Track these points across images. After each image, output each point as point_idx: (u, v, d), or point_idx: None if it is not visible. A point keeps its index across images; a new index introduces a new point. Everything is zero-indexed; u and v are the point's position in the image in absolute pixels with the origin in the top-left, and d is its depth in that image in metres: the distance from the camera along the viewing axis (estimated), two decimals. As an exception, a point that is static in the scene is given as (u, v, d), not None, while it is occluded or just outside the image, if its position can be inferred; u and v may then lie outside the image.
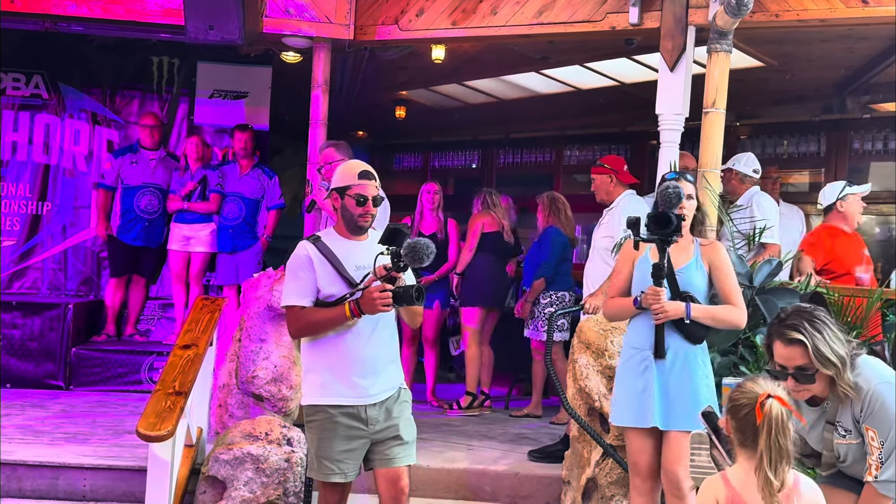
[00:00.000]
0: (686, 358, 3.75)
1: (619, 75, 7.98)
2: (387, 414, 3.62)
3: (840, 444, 3.07)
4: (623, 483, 4.46)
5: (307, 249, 3.60)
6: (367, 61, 7.46)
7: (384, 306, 3.42)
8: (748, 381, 2.57)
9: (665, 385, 3.72)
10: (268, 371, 4.82)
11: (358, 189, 3.59)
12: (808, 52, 6.72)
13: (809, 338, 2.90)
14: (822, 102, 8.23)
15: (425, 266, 3.43)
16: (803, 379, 2.93)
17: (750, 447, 2.48)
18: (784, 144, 8.43)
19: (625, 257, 3.94)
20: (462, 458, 5.37)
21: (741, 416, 2.48)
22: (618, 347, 4.46)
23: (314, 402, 3.60)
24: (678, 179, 3.84)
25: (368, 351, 3.58)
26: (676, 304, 3.69)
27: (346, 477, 3.56)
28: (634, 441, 3.81)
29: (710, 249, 3.86)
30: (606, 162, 5.57)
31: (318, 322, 3.55)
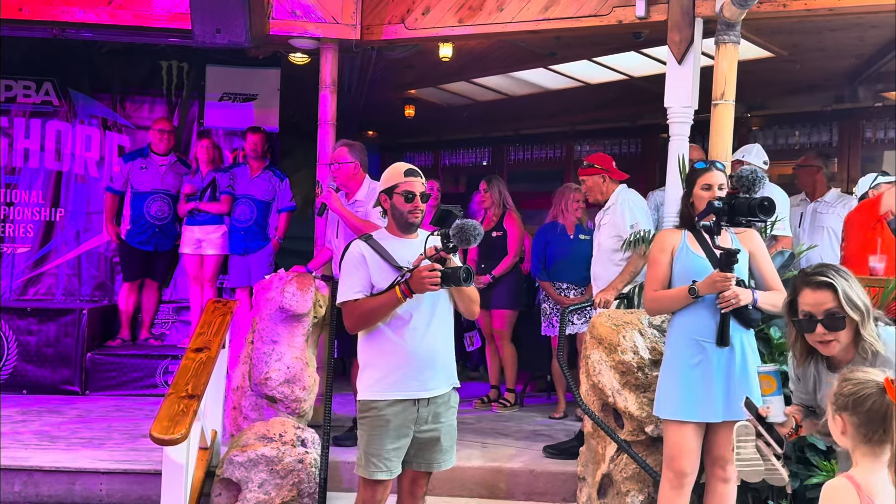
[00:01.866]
0: (743, 344, 3.76)
1: (627, 69, 7.94)
2: (435, 416, 3.67)
3: None
4: (638, 479, 4.44)
5: (359, 247, 3.69)
6: (374, 61, 7.46)
7: (432, 285, 3.47)
8: (850, 372, 2.41)
9: (728, 374, 3.72)
10: (280, 372, 4.83)
11: (405, 186, 3.69)
12: (817, 42, 6.66)
13: (837, 282, 2.86)
14: (833, 92, 8.16)
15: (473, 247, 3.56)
16: (833, 325, 2.84)
17: (877, 441, 2.31)
18: (796, 135, 8.38)
19: (660, 248, 3.90)
20: (477, 455, 5.36)
21: (867, 408, 2.30)
22: (630, 343, 4.44)
23: (368, 397, 3.64)
24: (709, 168, 3.83)
25: (425, 345, 3.63)
26: (745, 290, 3.69)
27: (391, 474, 3.62)
28: (686, 435, 3.76)
29: (747, 237, 3.88)
30: (595, 162, 5.53)
31: (371, 309, 3.60)
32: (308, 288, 4.96)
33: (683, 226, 3.95)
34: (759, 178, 3.65)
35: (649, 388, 4.40)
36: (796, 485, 4.14)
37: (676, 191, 5.19)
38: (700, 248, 3.82)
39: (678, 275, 3.82)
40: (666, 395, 3.84)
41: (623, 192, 5.45)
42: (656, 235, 4.05)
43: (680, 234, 3.90)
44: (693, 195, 3.87)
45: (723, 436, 3.77)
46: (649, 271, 3.93)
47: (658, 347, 4.46)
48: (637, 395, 4.43)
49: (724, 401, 3.71)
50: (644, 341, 4.47)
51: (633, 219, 5.27)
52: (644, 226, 5.27)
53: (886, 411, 2.27)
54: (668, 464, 3.84)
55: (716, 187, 3.80)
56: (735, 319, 3.70)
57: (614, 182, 5.50)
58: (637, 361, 4.41)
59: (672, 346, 3.87)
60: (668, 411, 3.82)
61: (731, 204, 3.69)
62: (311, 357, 5.08)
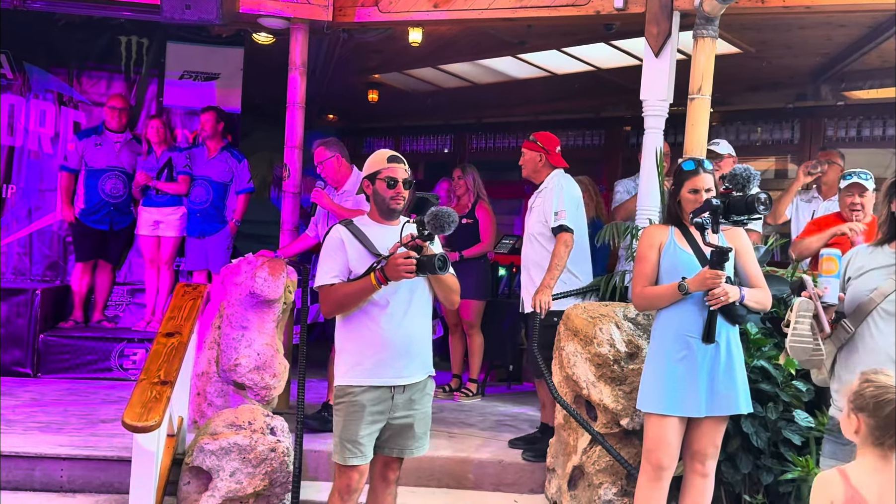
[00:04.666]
0: (729, 340, 3.78)
1: (594, 60, 7.94)
2: (409, 403, 3.67)
3: None
4: (612, 471, 4.45)
5: (339, 232, 3.69)
6: (342, 43, 7.34)
7: (407, 273, 3.45)
8: (874, 375, 2.43)
9: (712, 370, 3.74)
10: (251, 359, 4.73)
11: (388, 172, 3.69)
12: (786, 39, 6.73)
13: None
14: (796, 90, 8.27)
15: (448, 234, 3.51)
16: None
17: (889, 445, 2.35)
18: (758, 131, 8.48)
19: (649, 244, 3.90)
20: (444, 445, 5.32)
21: (885, 413, 2.33)
22: (606, 335, 4.44)
23: (344, 382, 3.63)
24: (697, 172, 3.84)
25: (402, 332, 3.61)
26: (734, 288, 3.71)
27: (364, 459, 3.60)
28: (667, 429, 3.77)
29: (733, 234, 3.89)
30: (539, 139, 5.38)
31: (346, 294, 3.58)
32: (279, 273, 4.86)
33: (670, 222, 3.95)
34: (753, 176, 3.67)
35: (625, 381, 4.40)
36: (770, 479, 4.18)
37: (651, 184, 5.21)
38: (687, 244, 3.82)
39: (666, 270, 3.83)
40: (649, 389, 3.84)
41: (559, 178, 5.27)
42: (644, 231, 4.03)
43: (667, 229, 3.91)
44: (680, 195, 3.87)
45: (704, 431, 3.79)
46: (637, 267, 3.93)
47: (634, 340, 4.46)
48: (612, 387, 4.43)
49: (707, 396, 3.73)
50: (620, 334, 4.47)
51: (559, 206, 5.10)
52: (570, 216, 5.08)
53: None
54: (648, 457, 3.84)
55: (703, 192, 3.81)
56: (722, 316, 3.71)
57: (549, 166, 5.32)
58: (613, 354, 4.41)
59: (657, 340, 3.87)
60: (650, 405, 3.82)
61: (726, 203, 3.69)
62: (280, 344, 4.98)
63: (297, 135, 5.97)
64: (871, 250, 3.20)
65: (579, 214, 5.25)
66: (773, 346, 4.36)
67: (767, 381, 4.24)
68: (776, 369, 4.26)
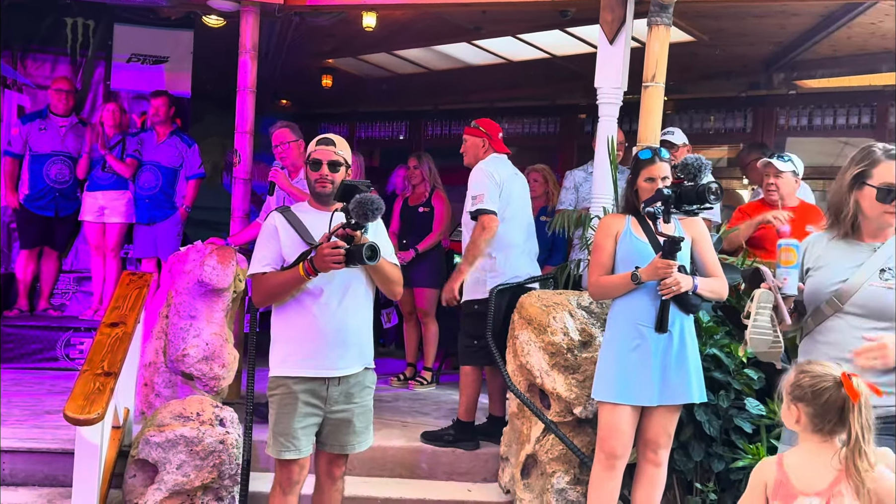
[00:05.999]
0: (682, 329, 3.78)
1: (550, 47, 7.91)
2: (347, 397, 3.61)
3: (875, 286, 2.99)
4: (565, 459, 4.44)
5: (274, 219, 3.62)
6: (294, 27, 7.22)
7: (335, 263, 3.37)
8: (809, 366, 2.50)
9: (664, 359, 3.74)
10: (199, 349, 4.63)
11: (314, 155, 3.63)
12: (740, 28, 6.75)
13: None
14: (749, 78, 8.31)
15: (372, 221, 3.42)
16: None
17: (826, 431, 2.43)
18: (711, 120, 8.52)
19: (605, 233, 3.89)
20: (397, 435, 5.27)
21: (823, 400, 2.41)
22: (560, 324, 4.42)
23: (278, 373, 3.57)
24: (653, 160, 3.83)
25: (336, 322, 3.54)
26: (686, 277, 3.70)
27: (299, 453, 3.54)
28: (620, 417, 3.77)
29: (691, 224, 3.90)
30: (482, 125, 5.30)
31: (276, 284, 3.52)
32: (229, 261, 4.76)
33: (628, 211, 3.94)
34: (704, 166, 3.66)
35: (578, 370, 4.39)
36: (721, 467, 4.20)
37: (604, 172, 5.18)
38: (644, 234, 3.82)
39: (622, 259, 3.82)
40: (603, 378, 3.84)
41: (484, 163, 5.15)
42: (601, 221, 4.03)
43: (624, 219, 3.91)
44: (637, 184, 3.87)
45: (656, 420, 3.79)
46: (593, 256, 3.92)
47: (588, 329, 4.45)
48: (566, 376, 4.41)
49: (660, 385, 3.73)
50: (574, 322, 4.45)
51: (476, 190, 5.02)
52: (490, 198, 4.98)
53: (842, 404, 2.37)
54: (601, 445, 3.84)
55: (659, 180, 3.81)
56: (675, 305, 3.71)
57: (492, 152, 5.24)
58: (567, 343, 4.39)
59: (612, 329, 3.87)
60: (603, 393, 3.82)
61: (678, 192, 3.69)
62: (230, 334, 4.89)
63: (248, 120, 5.85)
64: (830, 241, 3.14)
65: (510, 198, 5.13)
66: (725, 334, 4.37)
67: (719, 369, 4.25)
68: (728, 357, 4.28)
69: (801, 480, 2.42)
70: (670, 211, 3.69)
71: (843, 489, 2.38)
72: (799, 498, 2.41)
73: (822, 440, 2.43)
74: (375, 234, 3.60)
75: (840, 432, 2.40)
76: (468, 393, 5.21)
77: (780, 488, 2.43)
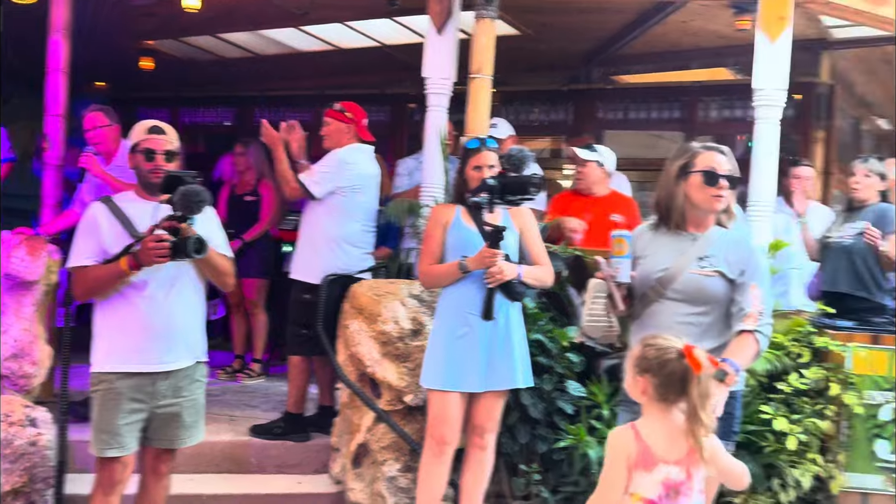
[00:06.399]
0: (509, 317, 3.86)
1: (380, 36, 7.90)
2: (175, 391, 3.49)
3: (694, 273, 3.19)
4: (396, 448, 4.46)
5: (95, 209, 3.46)
6: (111, 5, 6.86)
7: (159, 257, 3.26)
8: (653, 339, 2.61)
9: (490, 346, 3.80)
10: (7, 346, 4.34)
11: (146, 144, 3.48)
12: (564, 23, 6.97)
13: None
14: (570, 72, 8.60)
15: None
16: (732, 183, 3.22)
17: (670, 401, 2.54)
18: (535, 112, 8.75)
19: (435, 223, 3.93)
20: (225, 429, 5.15)
21: (667, 371, 2.53)
22: (391, 313, 4.43)
23: (100, 369, 3.42)
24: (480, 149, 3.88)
25: (163, 316, 3.41)
26: (511, 266, 3.76)
27: (123, 450, 3.40)
28: (448, 404, 3.81)
29: (518, 213, 3.98)
30: (349, 109, 5.17)
31: (97, 278, 3.37)
32: (39, 253, 4.49)
33: (457, 200, 3.99)
34: (527, 157, 3.77)
35: (409, 358, 4.42)
36: (545, 448, 4.33)
37: (434, 162, 5.23)
38: (473, 223, 3.87)
39: (451, 248, 3.87)
40: (431, 366, 3.88)
41: (350, 153, 5.07)
42: (431, 210, 4.06)
43: (454, 208, 3.96)
44: (465, 174, 3.93)
45: (483, 406, 3.87)
46: (424, 245, 3.95)
47: (419, 318, 4.48)
48: (397, 364, 4.43)
49: (486, 372, 3.81)
50: (405, 311, 4.47)
51: (319, 170, 5.00)
52: (319, 185, 4.95)
53: (683, 374, 2.50)
54: (431, 432, 3.89)
55: (486, 168, 3.88)
56: (501, 293, 3.79)
57: (357, 138, 5.17)
58: (398, 331, 4.41)
59: (440, 317, 3.92)
60: (432, 381, 3.87)
61: (502, 182, 3.76)
62: (42, 330, 4.61)
63: (59, 102, 5.51)
64: (657, 231, 3.34)
65: (363, 190, 5.10)
66: (549, 320, 4.51)
67: (544, 353, 4.38)
68: (552, 342, 4.42)
69: (660, 449, 2.53)
70: (493, 201, 3.77)
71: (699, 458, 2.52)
72: (659, 465, 2.51)
73: (665, 409, 2.56)
74: (206, 225, 3.49)
75: (681, 401, 2.53)
76: (297, 384, 5.14)
77: (642, 457, 2.52)
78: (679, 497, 2.51)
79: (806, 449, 4.37)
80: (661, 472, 2.51)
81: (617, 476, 2.53)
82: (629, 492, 2.52)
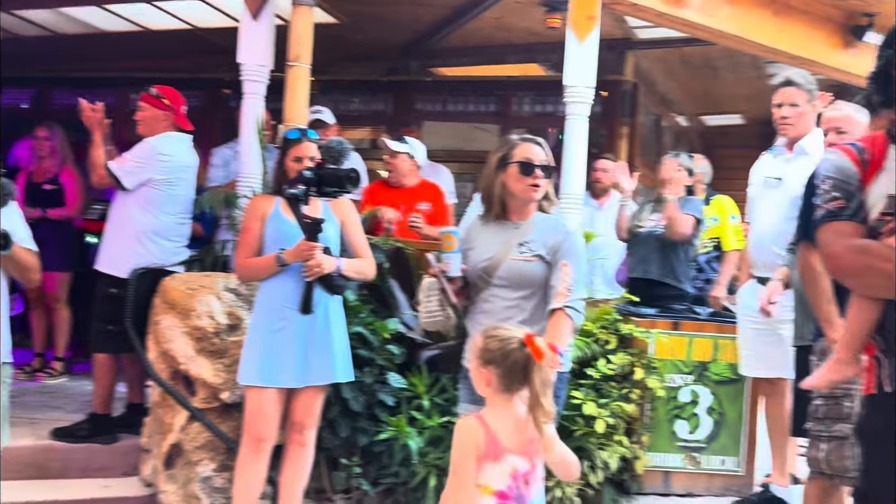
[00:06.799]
0: (328, 311, 3.81)
1: (190, 18, 7.62)
2: None
3: (515, 260, 3.32)
4: (211, 447, 4.33)
5: None
6: None
7: None
8: (494, 330, 2.62)
9: (309, 340, 3.74)
10: None
11: None
12: (378, 13, 6.96)
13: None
14: (389, 63, 8.62)
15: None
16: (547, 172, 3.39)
17: (513, 390, 2.55)
18: (355, 102, 8.71)
19: (253, 214, 3.83)
20: (26, 433, 4.82)
21: (510, 361, 2.53)
22: (206, 308, 4.30)
23: None
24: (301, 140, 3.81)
25: None
26: (330, 259, 3.72)
27: None
28: (265, 400, 3.73)
29: (339, 205, 3.94)
30: (167, 95, 4.93)
31: None
32: None
33: (277, 192, 3.91)
34: (346, 150, 3.75)
35: (225, 354, 4.30)
36: (365, 441, 4.33)
37: (251, 151, 5.08)
38: (292, 215, 3.80)
39: (269, 240, 3.80)
40: (248, 361, 3.80)
41: (164, 143, 4.86)
42: (250, 201, 3.96)
43: (273, 200, 3.88)
44: (285, 164, 3.86)
45: (302, 401, 3.83)
46: (241, 237, 3.85)
47: (235, 312, 4.36)
48: (212, 361, 4.30)
49: (304, 367, 3.76)
50: (221, 305, 4.34)
51: (130, 160, 4.78)
52: (129, 175, 4.74)
53: (525, 363, 2.53)
54: (248, 429, 3.81)
55: (306, 159, 3.83)
56: (320, 287, 3.75)
57: (174, 126, 4.93)
58: (213, 327, 4.28)
59: (258, 312, 3.84)
60: (248, 377, 3.79)
61: (320, 174, 3.72)
62: None
63: None
64: (484, 222, 3.46)
65: (179, 182, 4.90)
66: (370, 312, 4.51)
67: (365, 346, 4.37)
68: (373, 334, 4.42)
69: (507, 438, 2.55)
70: (309, 193, 3.73)
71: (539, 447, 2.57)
72: (507, 455, 2.53)
73: (509, 399, 2.58)
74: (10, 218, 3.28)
75: (523, 390, 2.56)
76: (103, 383, 4.89)
77: (490, 447, 2.53)
78: (528, 487, 2.56)
79: (613, 431, 4.60)
80: (508, 462, 2.53)
81: (469, 466, 2.53)
82: (479, 484, 2.53)
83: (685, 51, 8.00)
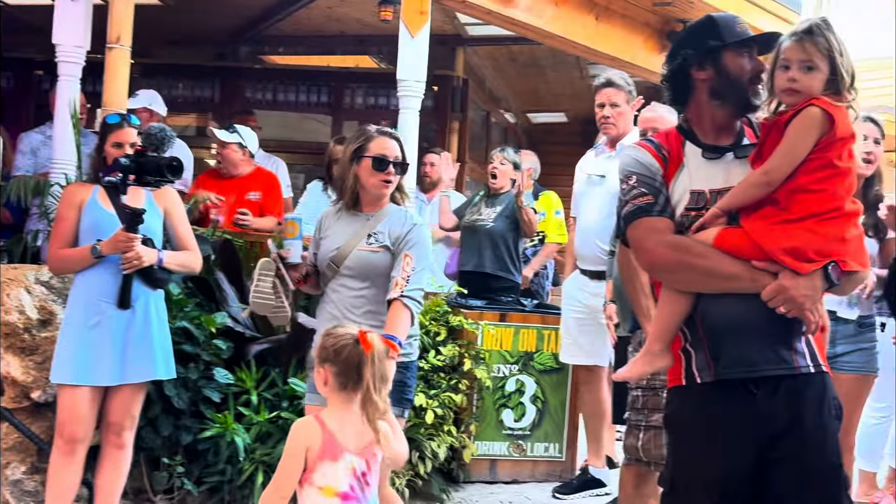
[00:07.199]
0: (148, 305, 3.65)
1: (0, -6, 7.13)
2: None
3: (362, 250, 3.33)
4: (21, 448, 4.08)
5: None
6: None
7: None
8: (333, 329, 2.60)
9: (126, 337, 3.58)
10: None
11: None
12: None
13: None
14: (217, 49, 8.37)
15: None
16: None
17: (350, 388, 2.52)
18: (180, 87, 8.39)
19: (69, 203, 3.61)
20: None
21: (343, 358, 2.51)
22: (15, 301, 4.03)
23: None
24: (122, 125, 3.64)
25: None
26: (150, 251, 3.57)
27: None
28: (79, 400, 3.54)
29: (163, 194, 3.78)
30: None
31: None
32: None
33: (95, 180, 3.70)
34: (169, 137, 3.61)
35: (37, 351, 4.05)
36: (189, 439, 4.19)
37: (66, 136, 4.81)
38: (111, 205, 3.62)
39: (86, 231, 3.59)
40: (62, 359, 3.59)
41: None
42: (65, 189, 3.73)
43: (91, 188, 3.67)
44: (105, 150, 3.67)
45: (119, 400, 3.66)
46: (55, 227, 3.62)
47: (48, 306, 4.11)
48: (22, 358, 4.04)
49: (121, 364, 3.59)
50: (32, 300, 4.08)
51: None
52: None
53: (359, 360, 2.52)
54: (61, 430, 3.60)
55: (127, 146, 3.67)
56: (140, 280, 3.59)
57: None
58: (23, 322, 4.02)
59: (72, 306, 3.63)
60: (61, 375, 3.58)
61: (139, 162, 3.55)
62: None
63: None
64: (338, 213, 3.47)
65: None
66: (195, 306, 4.37)
67: (190, 341, 4.22)
68: (198, 329, 4.27)
69: (345, 438, 2.52)
70: (127, 182, 3.57)
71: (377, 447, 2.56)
72: (344, 454, 2.50)
73: (347, 398, 2.55)
74: None
75: (360, 388, 2.54)
76: None
77: (328, 447, 2.50)
78: (368, 487, 2.55)
79: (442, 422, 4.66)
80: (346, 461, 2.51)
81: (294, 465, 2.50)
82: (321, 486, 2.49)
83: (513, 49, 8.20)
